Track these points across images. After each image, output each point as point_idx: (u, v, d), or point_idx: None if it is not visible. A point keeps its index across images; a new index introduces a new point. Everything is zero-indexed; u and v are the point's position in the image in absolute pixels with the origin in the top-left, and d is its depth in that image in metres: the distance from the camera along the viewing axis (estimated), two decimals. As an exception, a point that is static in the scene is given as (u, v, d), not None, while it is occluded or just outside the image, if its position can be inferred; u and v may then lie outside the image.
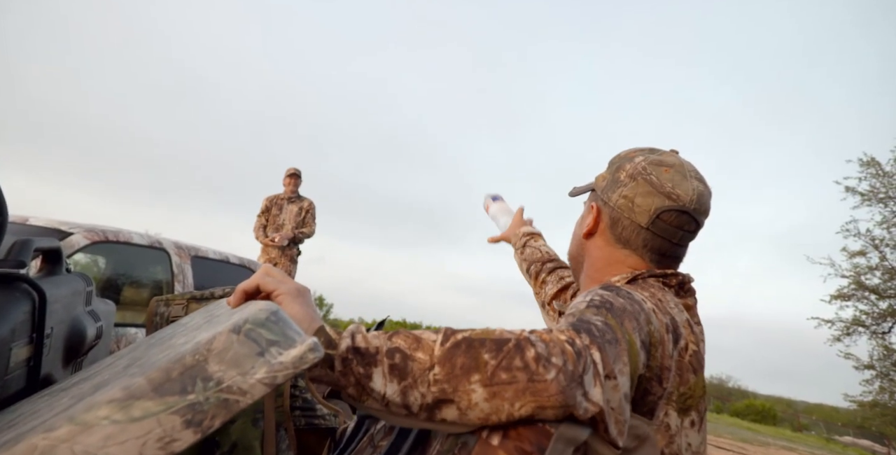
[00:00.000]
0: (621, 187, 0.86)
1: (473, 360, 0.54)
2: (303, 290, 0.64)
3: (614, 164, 0.91)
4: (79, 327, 0.97)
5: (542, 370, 0.53)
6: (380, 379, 0.55)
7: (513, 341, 0.56)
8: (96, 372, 0.61)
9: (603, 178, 0.91)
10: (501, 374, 0.53)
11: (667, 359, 0.68)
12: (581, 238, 0.93)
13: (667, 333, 0.70)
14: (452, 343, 0.56)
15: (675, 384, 0.68)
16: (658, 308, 0.73)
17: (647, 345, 0.66)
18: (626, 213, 0.85)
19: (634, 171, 0.86)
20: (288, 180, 5.35)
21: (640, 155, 0.88)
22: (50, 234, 2.50)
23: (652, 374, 0.66)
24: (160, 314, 1.10)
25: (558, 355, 0.54)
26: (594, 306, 0.66)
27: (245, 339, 0.39)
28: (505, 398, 0.52)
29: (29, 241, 0.87)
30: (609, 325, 0.61)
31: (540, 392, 0.52)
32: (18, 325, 0.76)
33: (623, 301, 0.68)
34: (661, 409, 0.66)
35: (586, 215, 0.93)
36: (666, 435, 0.66)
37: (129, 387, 0.36)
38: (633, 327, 0.65)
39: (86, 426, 0.34)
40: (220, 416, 0.36)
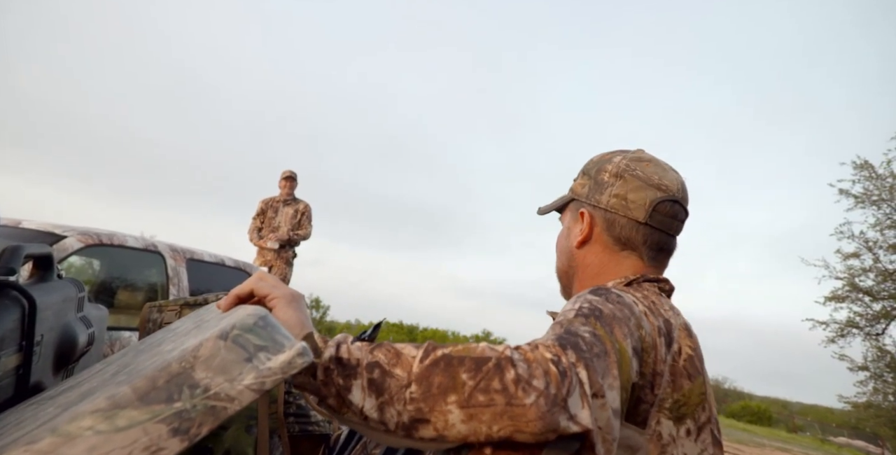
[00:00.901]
0: (609, 187, 0.85)
1: (451, 379, 0.53)
2: (297, 296, 0.64)
3: (591, 168, 0.90)
4: (70, 334, 0.96)
5: (521, 394, 0.51)
6: (359, 392, 0.54)
7: (493, 361, 0.54)
8: (84, 379, 0.60)
9: (582, 185, 0.90)
10: (479, 396, 0.52)
11: (660, 364, 0.66)
12: (572, 249, 0.90)
13: (659, 337, 0.68)
14: (431, 360, 0.55)
15: (668, 391, 0.66)
16: (651, 310, 0.71)
17: (638, 351, 0.64)
18: (622, 212, 0.84)
19: (618, 170, 0.85)
20: (283, 183, 5.34)
21: (616, 155, 0.88)
22: (43, 237, 2.48)
23: (644, 382, 0.64)
24: (153, 320, 1.09)
25: (540, 377, 0.52)
26: (582, 315, 0.64)
27: (232, 345, 0.39)
28: (482, 421, 0.51)
29: (19, 247, 0.87)
30: (598, 337, 0.59)
31: (518, 417, 0.51)
32: (7, 333, 0.75)
33: (612, 307, 0.66)
34: (653, 417, 0.64)
35: (573, 225, 0.90)
36: (658, 444, 0.64)
37: (114, 396, 0.35)
38: (625, 334, 0.63)
39: (69, 437, 0.33)
40: (208, 423, 0.36)
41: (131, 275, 3.07)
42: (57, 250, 2.42)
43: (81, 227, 2.69)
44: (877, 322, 12.68)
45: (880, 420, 13.37)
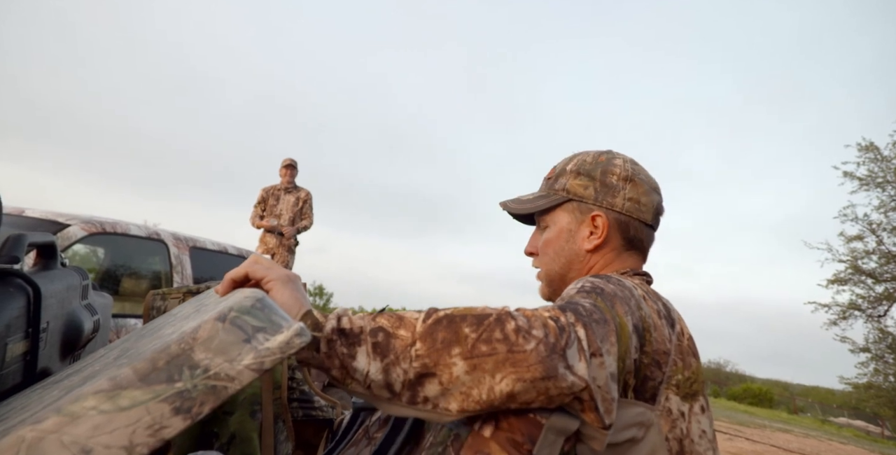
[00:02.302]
0: (622, 191, 0.86)
1: (454, 333, 0.55)
2: (292, 277, 0.65)
3: (591, 170, 0.88)
4: (75, 321, 0.97)
5: (521, 341, 0.54)
6: (363, 358, 0.56)
7: (493, 316, 0.57)
8: (88, 364, 0.61)
9: (584, 186, 0.87)
10: (481, 347, 0.54)
11: (664, 343, 0.68)
12: (579, 252, 0.87)
13: (659, 319, 0.71)
14: (434, 319, 0.57)
15: (678, 368, 0.69)
16: (648, 295, 0.74)
17: (639, 329, 0.66)
18: (636, 214, 0.86)
19: (626, 174, 0.87)
20: (284, 171, 5.34)
21: (616, 158, 0.89)
22: (46, 225, 2.49)
23: (650, 360, 0.66)
24: (156, 308, 1.11)
25: (539, 328, 0.55)
26: (584, 291, 0.67)
27: (230, 327, 0.40)
28: (485, 370, 0.53)
29: (22, 236, 0.87)
30: (598, 307, 0.62)
31: (520, 362, 0.53)
32: (13, 321, 0.76)
33: (613, 287, 0.68)
34: (662, 393, 0.67)
35: (577, 227, 0.88)
36: (668, 420, 0.66)
37: (116, 377, 0.36)
38: (625, 311, 0.65)
39: (73, 417, 0.34)
40: (210, 402, 0.37)
41: (135, 263, 3.09)
42: (60, 239, 2.43)
43: (85, 215, 2.70)
44: (879, 304, 12.71)
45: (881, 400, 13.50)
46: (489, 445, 0.54)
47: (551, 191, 0.91)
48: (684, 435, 0.67)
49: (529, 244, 0.95)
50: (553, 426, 0.54)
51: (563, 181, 0.89)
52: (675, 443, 0.66)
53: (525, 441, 0.54)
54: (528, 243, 0.95)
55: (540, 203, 0.90)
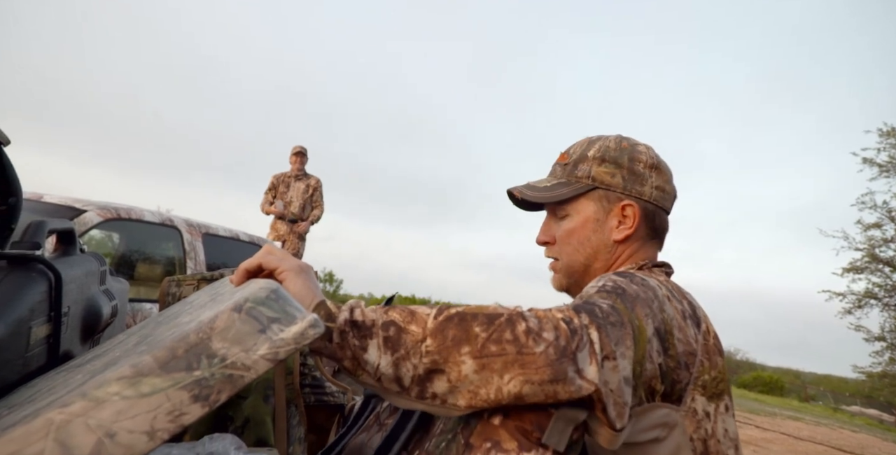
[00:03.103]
0: (649, 179, 0.84)
1: (465, 332, 0.55)
2: (305, 267, 0.65)
3: (617, 157, 0.84)
4: (94, 306, 1.00)
5: (531, 343, 0.54)
6: (374, 351, 0.56)
7: (505, 316, 0.57)
8: (108, 349, 0.63)
9: (611, 174, 0.84)
10: (491, 347, 0.54)
11: (690, 344, 0.67)
12: (607, 243, 0.84)
13: (684, 320, 0.69)
14: (445, 317, 0.57)
15: (705, 368, 0.67)
16: (672, 295, 0.71)
17: (661, 332, 0.64)
18: (661, 203, 0.85)
19: (651, 162, 0.85)
20: (294, 158, 5.36)
21: (638, 144, 0.87)
22: (64, 211, 2.54)
23: (675, 363, 0.65)
24: (172, 294, 1.13)
25: (550, 330, 0.55)
26: (605, 291, 0.65)
27: (246, 317, 0.41)
28: (494, 370, 0.54)
29: (43, 222, 0.89)
30: (616, 309, 0.61)
31: (528, 364, 0.53)
32: (36, 305, 0.78)
33: (637, 288, 0.67)
34: (689, 394, 0.66)
35: (606, 217, 0.84)
36: (693, 420, 0.66)
37: (138, 364, 0.37)
38: (646, 314, 0.64)
39: (98, 402, 0.36)
40: (227, 390, 0.38)
41: (149, 248, 3.14)
42: (77, 224, 2.48)
43: (100, 201, 2.74)
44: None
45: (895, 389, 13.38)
46: (498, 433, 0.55)
47: (572, 178, 0.86)
48: (709, 435, 0.66)
49: (543, 233, 0.90)
50: (563, 415, 0.55)
51: (585, 168, 0.85)
52: (700, 443, 0.66)
53: (534, 429, 0.55)
54: (541, 232, 0.91)
55: (563, 191, 0.85)
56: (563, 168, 0.88)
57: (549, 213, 0.90)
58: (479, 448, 0.55)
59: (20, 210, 0.87)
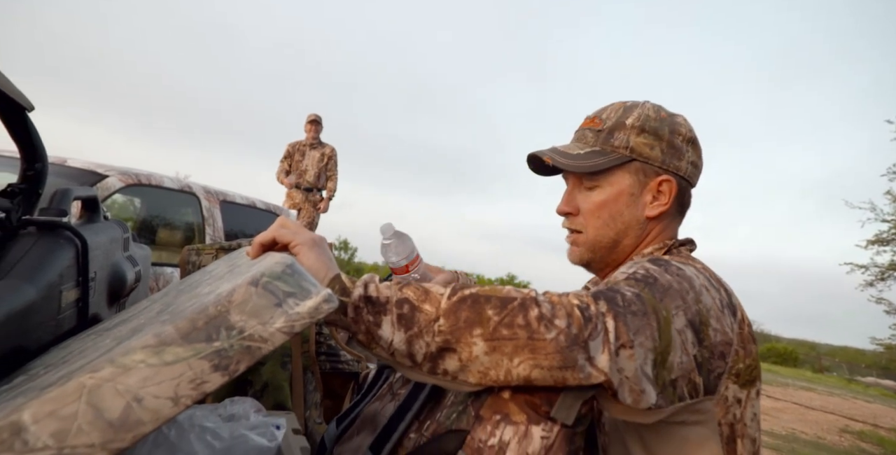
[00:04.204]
0: (686, 153, 0.80)
1: (477, 314, 0.56)
2: (318, 241, 0.66)
3: (658, 127, 0.79)
4: (119, 272, 1.03)
5: (542, 329, 0.54)
6: (388, 327, 0.57)
7: (518, 300, 0.57)
8: (133, 315, 0.66)
9: (650, 146, 0.78)
10: (503, 330, 0.55)
11: (727, 333, 0.66)
12: (639, 218, 0.80)
13: (721, 309, 0.67)
14: (459, 297, 0.57)
15: (740, 357, 0.67)
16: (710, 284, 0.69)
17: (696, 324, 0.63)
18: (693, 180, 0.82)
19: (690, 135, 0.81)
20: (309, 127, 5.33)
21: (677, 116, 0.82)
22: (87, 175, 2.58)
23: (710, 353, 0.64)
24: (192, 262, 1.16)
25: (563, 318, 0.55)
26: (634, 279, 0.64)
27: (263, 291, 0.42)
28: (504, 353, 0.54)
29: (68, 190, 0.91)
30: (641, 298, 0.60)
31: (538, 350, 0.54)
32: (65, 270, 0.81)
33: (671, 278, 0.65)
34: (723, 383, 0.65)
35: (640, 191, 0.79)
36: (724, 406, 0.66)
37: (160, 334, 0.39)
38: (678, 306, 0.62)
39: (125, 368, 0.38)
40: (245, 360, 0.40)
41: (169, 214, 3.19)
42: (100, 189, 2.52)
43: (121, 166, 2.78)
44: (921, 265, 12.25)
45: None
46: (508, 406, 0.57)
47: (607, 147, 0.79)
48: (737, 420, 0.67)
49: (566, 203, 0.84)
50: (571, 391, 0.56)
51: (622, 137, 0.79)
52: (727, 427, 0.66)
53: (543, 403, 0.56)
54: (564, 201, 0.84)
55: (599, 161, 0.78)
56: (595, 135, 0.81)
57: (573, 182, 0.84)
58: (489, 420, 0.57)
59: (46, 175, 0.90)
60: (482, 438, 0.56)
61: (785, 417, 6.62)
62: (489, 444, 0.55)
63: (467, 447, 0.56)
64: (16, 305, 0.65)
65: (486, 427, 0.57)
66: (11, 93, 0.75)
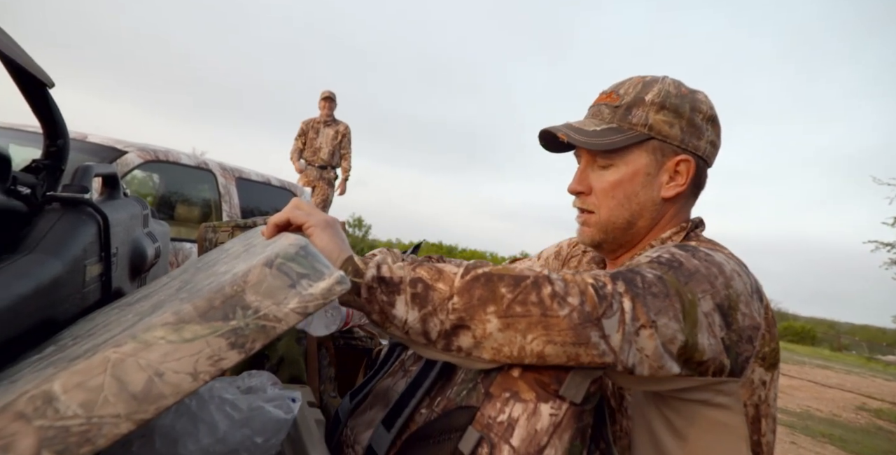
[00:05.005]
0: (706, 132, 0.77)
1: (491, 292, 0.56)
2: (331, 222, 0.67)
3: (679, 105, 0.76)
4: (139, 247, 1.06)
5: (555, 306, 0.55)
6: (402, 306, 0.58)
7: (531, 278, 0.57)
8: (154, 291, 0.68)
9: (670, 124, 0.76)
10: (516, 307, 0.55)
11: (755, 318, 0.66)
12: (654, 199, 0.78)
13: (751, 294, 0.67)
14: (472, 276, 0.58)
15: (766, 341, 0.67)
16: (742, 270, 0.69)
17: (724, 308, 0.63)
18: (710, 160, 0.80)
19: (711, 113, 0.78)
20: (323, 104, 5.30)
21: (698, 92, 0.79)
22: (107, 151, 2.62)
23: (738, 336, 0.64)
24: (209, 239, 1.18)
25: (576, 295, 0.56)
26: (657, 262, 0.64)
27: (277, 273, 0.43)
28: (518, 330, 0.55)
29: (89, 167, 0.93)
30: (663, 280, 0.59)
31: (551, 326, 0.54)
32: (88, 245, 0.83)
33: (698, 263, 0.64)
34: (750, 367, 0.66)
35: (657, 171, 0.77)
36: (749, 388, 0.66)
37: (179, 312, 0.40)
38: (704, 290, 0.62)
39: (146, 344, 0.39)
40: (261, 339, 0.41)
41: (187, 190, 3.24)
42: (119, 165, 2.56)
43: (139, 142, 2.81)
44: (951, 244, 11.94)
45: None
46: (517, 384, 0.58)
47: (625, 124, 0.77)
48: (762, 400, 0.67)
49: (578, 181, 0.82)
50: (580, 369, 0.57)
51: (641, 114, 0.76)
52: (752, 408, 0.67)
53: (552, 382, 0.57)
54: (576, 180, 0.82)
55: (615, 139, 0.76)
56: (612, 111, 0.78)
57: (586, 160, 0.82)
58: (499, 397, 0.58)
59: (68, 151, 0.91)
60: (492, 415, 0.57)
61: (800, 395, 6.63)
62: (498, 420, 0.57)
63: (477, 423, 0.58)
64: (44, 278, 0.68)
65: (495, 404, 0.58)
66: (32, 69, 0.76)
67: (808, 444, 4.21)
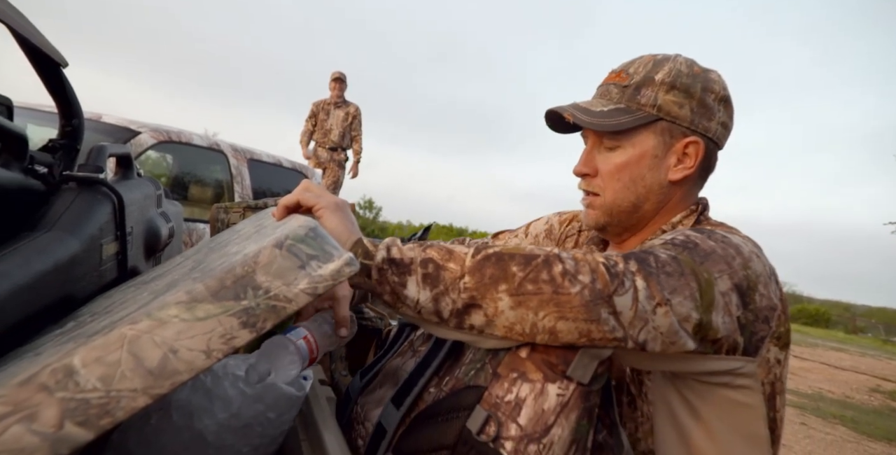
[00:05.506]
0: (717, 113, 0.75)
1: (502, 271, 0.57)
2: (341, 204, 0.67)
3: (690, 85, 0.74)
4: (153, 227, 1.08)
5: (567, 284, 0.55)
6: (413, 287, 0.59)
7: (542, 257, 0.57)
8: (169, 270, 0.69)
9: (679, 104, 0.74)
10: (528, 285, 0.56)
11: (772, 299, 0.66)
12: (663, 184, 0.77)
13: (769, 276, 0.67)
14: (483, 256, 0.58)
15: (781, 321, 0.67)
16: (759, 251, 0.69)
17: (743, 288, 0.63)
18: (721, 141, 0.78)
19: (723, 93, 0.76)
20: (333, 85, 5.27)
21: (711, 72, 0.77)
22: (121, 132, 2.64)
23: (754, 316, 0.64)
24: (221, 220, 1.20)
25: (586, 273, 0.56)
26: (671, 244, 0.64)
27: (287, 254, 0.44)
28: (529, 307, 0.55)
29: (104, 147, 0.94)
30: (677, 260, 0.59)
31: (563, 303, 0.55)
32: (104, 224, 0.85)
33: (714, 244, 0.64)
34: (765, 346, 0.66)
35: (664, 153, 0.76)
36: (765, 368, 0.67)
37: (192, 291, 0.41)
38: (721, 270, 0.62)
39: (161, 322, 0.40)
40: (271, 319, 0.42)
41: (199, 172, 3.26)
42: (133, 145, 2.58)
43: (152, 123, 2.83)
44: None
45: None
46: (525, 365, 0.58)
47: (633, 104, 0.75)
48: (777, 378, 0.68)
49: (584, 163, 0.81)
50: (588, 350, 0.57)
51: (649, 94, 0.74)
52: (769, 386, 0.67)
53: (559, 363, 0.57)
54: (582, 162, 0.81)
55: (623, 120, 0.74)
56: (620, 90, 0.77)
57: (592, 141, 0.80)
58: (506, 377, 0.59)
59: (83, 131, 0.92)
60: (499, 394, 0.58)
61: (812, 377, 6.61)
62: (506, 399, 0.57)
63: (484, 402, 0.59)
64: (62, 256, 0.69)
65: (503, 384, 0.59)
66: (47, 49, 0.76)
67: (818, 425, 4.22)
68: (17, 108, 0.86)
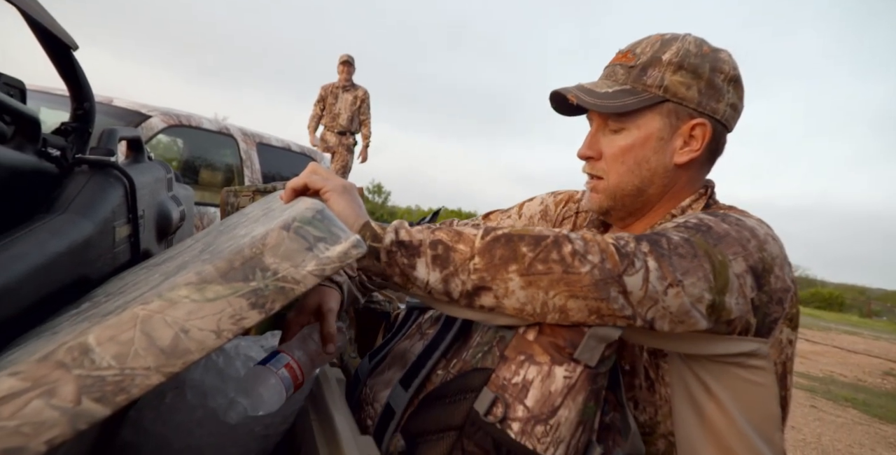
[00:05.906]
0: (726, 95, 0.73)
1: (512, 251, 0.57)
2: (348, 187, 0.67)
3: (698, 65, 0.72)
4: (165, 210, 1.08)
5: (577, 264, 0.55)
6: (423, 268, 0.59)
7: (551, 238, 0.58)
8: (179, 252, 0.70)
9: (687, 85, 0.72)
10: (538, 265, 0.56)
11: (786, 281, 0.66)
12: (669, 167, 0.75)
13: (784, 259, 0.67)
14: (492, 237, 0.59)
15: (793, 303, 0.67)
16: (773, 234, 0.68)
17: (758, 270, 0.63)
18: (730, 124, 0.76)
19: (733, 74, 0.74)
20: (341, 68, 5.23)
21: (720, 51, 0.75)
22: (132, 116, 2.65)
23: (768, 297, 0.64)
24: (230, 204, 1.21)
25: (596, 253, 0.56)
26: (684, 227, 0.63)
27: (295, 236, 0.44)
28: (540, 287, 0.56)
29: (114, 130, 0.95)
30: (690, 242, 0.59)
31: (573, 283, 0.55)
32: (117, 207, 0.86)
33: (728, 227, 0.64)
34: (778, 328, 0.67)
35: (670, 135, 0.74)
36: (778, 348, 0.68)
37: (201, 272, 0.42)
38: (735, 252, 0.61)
39: (172, 302, 0.41)
40: (280, 300, 0.42)
41: (209, 156, 3.28)
42: (144, 129, 2.60)
43: (163, 107, 2.84)
44: None
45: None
46: (532, 347, 0.59)
47: (639, 85, 0.73)
48: (788, 358, 0.69)
49: (588, 146, 0.79)
50: (595, 334, 0.58)
51: (656, 74, 0.73)
52: (780, 366, 0.68)
53: (567, 345, 0.58)
54: (586, 145, 0.80)
55: (628, 101, 0.73)
56: (626, 71, 0.75)
57: (597, 124, 0.79)
58: (514, 360, 0.59)
59: (94, 114, 0.93)
60: (506, 376, 0.59)
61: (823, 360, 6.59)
62: (513, 382, 0.58)
63: (492, 384, 0.59)
64: (76, 238, 0.70)
65: (510, 366, 0.59)
66: (57, 31, 0.76)
67: (828, 408, 4.22)
68: (30, 91, 0.86)
